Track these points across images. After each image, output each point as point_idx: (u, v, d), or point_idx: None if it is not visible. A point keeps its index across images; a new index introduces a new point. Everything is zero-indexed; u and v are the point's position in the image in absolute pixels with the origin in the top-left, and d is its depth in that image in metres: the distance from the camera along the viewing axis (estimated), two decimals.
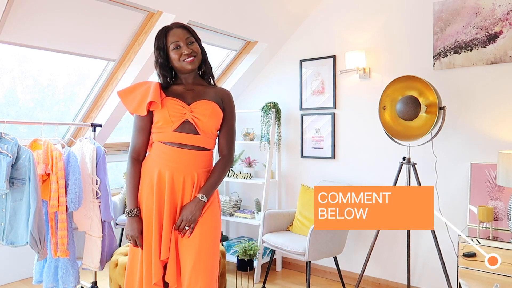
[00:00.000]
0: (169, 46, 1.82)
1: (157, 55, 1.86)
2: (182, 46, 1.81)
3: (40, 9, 2.63)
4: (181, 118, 1.80)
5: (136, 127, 1.87)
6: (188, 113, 1.81)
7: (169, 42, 1.82)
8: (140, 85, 1.90)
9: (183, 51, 1.81)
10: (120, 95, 1.90)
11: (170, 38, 1.83)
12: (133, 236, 1.78)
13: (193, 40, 1.85)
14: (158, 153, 1.83)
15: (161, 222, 1.78)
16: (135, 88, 1.89)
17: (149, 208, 1.80)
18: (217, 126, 1.88)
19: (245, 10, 3.33)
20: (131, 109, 1.85)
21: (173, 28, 1.85)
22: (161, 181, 1.80)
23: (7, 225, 2.53)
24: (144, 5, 2.84)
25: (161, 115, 1.80)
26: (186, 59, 1.81)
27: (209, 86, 1.93)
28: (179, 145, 1.81)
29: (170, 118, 1.79)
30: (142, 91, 1.85)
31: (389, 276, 3.35)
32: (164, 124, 1.80)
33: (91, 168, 2.88)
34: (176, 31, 1.83)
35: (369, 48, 3.43)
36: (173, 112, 1.80)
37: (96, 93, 3.51)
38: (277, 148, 3.87)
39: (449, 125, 3.04)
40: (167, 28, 1.86)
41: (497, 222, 2.78)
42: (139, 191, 1.84)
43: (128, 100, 1.87)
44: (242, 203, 4.26)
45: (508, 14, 2.80)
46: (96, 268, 2.92)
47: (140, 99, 1.83)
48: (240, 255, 3.34)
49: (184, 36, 1.82)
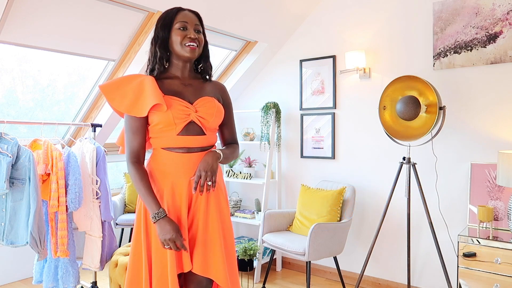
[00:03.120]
0: (175, 25, 1.66)
1: (158, 32, 1.68)
2: (188, 28, 1.66)
3: (40, 9, 2.63)
4: (185, 119, 1.65)
5: (131, 129, 1.67)
6: (193, 114, 1.66)
7: (176, 21, 1.66)
8: (127, 79, 1.68)
9: (188, 33, 1.65)
10: (104, 91, 1.65)
11: (179, 17, 1.67)
12: (171, 239, 1.56)
13: (201, 30, 1.72)
14: (165, 162, 1.67)
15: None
16: (123, 83, 1.67)
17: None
18: (220, 122, 1.79)
19: (245, 10, 3.33)
20: (123, 108, 1.63)
21: (185, 10, 1.71)
22: (175, 195, 1.66)
23: (7, 225, 2.53)
24: (144, 5, 2.84)
25: (162, 117, 1.62)
26: (188, 43, 1.65)
27: (204, 81, 1.80)
28: (186, 150, 1.67)
29: (174, 121, 1.62)
30: (134, 87, 1.65)
31: (389, 276, 3.35)
32: (166, 127, 1.63)
33: (91, 168, 2.88)
34: (188, 13, 1.70)
35: (369, 48, 3.43)
36: (177, 113, 1.63)
37: (96, 93, 3.51)
38: (277, 148, 3.87)
39: (449, 125, 3.04)
40: (179, 8, 1.71)
41: (497, 222, 2.78)
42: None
43: (116, 97, 1.64)
44: (242, 203, 4.26)
45: (508, 14, 2.80)
46: (96, 268, 2.92)
47: (133, 97, 1.63)
48: (240, 255, 3.34)
49: (195, 21, 1.69)
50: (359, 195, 3.50)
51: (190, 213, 1.69)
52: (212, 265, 1.66)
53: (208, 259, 1.67)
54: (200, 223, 1.68)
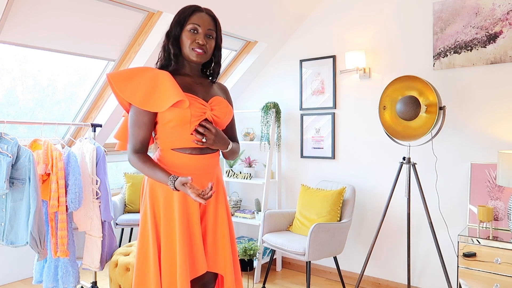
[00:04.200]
0: (187, 26, 1.62)
1: (172, 29, 1.65)
2: (199, 32, 1.62)
3: (40, 9, 2.63)
4: (200, 118, 1.60)
5: (137, 123, 1.58)
6: (209, 112, 1.63)
7: (190, 21, 1.62)
8: (139, 70, 1.60)
9: (198, 38, 1.61)
10: (114, 80, 1.54)
11: (193, 18, 1.62)
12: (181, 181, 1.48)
13: (214, 35, 1.66)
14: (175, 164, 1.62)
15: (190, 235, 1.62)
16: (134, 74, 1.58)
17: (170, 224, 1.60)
18: (228, 122, 1.79)
19: (245, 10, 3.33)
20: (136, 101, 1.53)
21: (203, 11, 1.65)
22: (188, 198, 1.61)
23: (7, 225, 2.53)
24: (144, 5, 2.84)
25: (179, 114, 1.55)
26: (195, 48, 1.61)
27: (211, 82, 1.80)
28: (199, 151, 1.63)
29: (191, 119, 1.56)
30: (148, 80, 1.56)
31: (389, 276, 3.35)
32: (179, 125, 1.56)
33: (91, 168, 2.88)
34: (204, 16, 1.64)
35: (369, 48, 3.43)
36: (195, 112, 1.57)
37: (96, 93, 3.51)
38: (277, 148, 3.87)
39: (449, 125, 3.04)
40: (197, 7, 1.65)
41: (497, 222, 2.78)
42: (152, 206, 1.63)
43: (126, 88, 1.54)
44: (242, 203, 4.26)
45: (508, 14, 2.80)
46: (96, 268, 2.92)
47: (147, 90, 1.54)
48: (240, 255, 3.34)
49: (208, 25, 1.63)
50: (359, 195, 3.50)
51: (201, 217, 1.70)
52: (221, 261, 1.68)
53: (217, 255, 1.69)
54: (210, 224, 1.70)
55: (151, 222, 1.63)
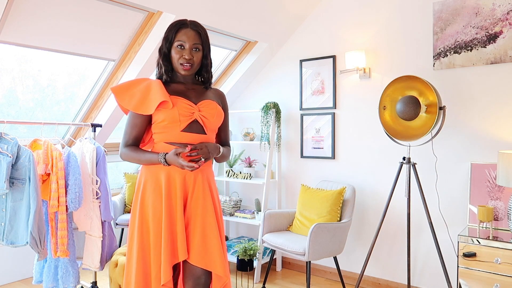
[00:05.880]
0: (174, 43, 1.81)
1: (163, 45, 1.84)
2: (186, 48, 1.80)
3: (40, 9, 2.63)
4: (190, 117, 1.80)
5: (130, 124, 1.85)
6: (197, 113, 1.82)
7: (176, 38, 1.80)
8: (137, 82, 1.87)
9: (184, 54, 1.80)
10: (115, 92, 1.84)
11: (179, 35, 1.80)
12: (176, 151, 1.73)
13: (200, 48, 1.83)
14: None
15: (173, 224, 1.77)
16: (132, 86, 1.85)
17: (157, 211, 1.78)
18: (219, 125, 1.95)
19: (245, 10, 3.33)
20: (131, 107, 1.80)
21: (188, 27, 1.82)
22: (171, 184, 1.80)
23: (7, 225, 2.53)
24: (144, 5, 2.84)
25: (168, 114, 1.77)
26: (183, 63, 1.80)
27: (206, 88, 1.96)
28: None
29: (179, 118, 1.78)
30: (142, 88, 1.82)
31: (389, 276, 3.35)
32: (171, 123, 1.78)
33: (91, 168, 2.88)
34: (188, 32, 1.81)
35: (369, 48, 3.43)
36: (182, 111, 1.78)
37: (96, 93, 3.51)
38: (277, 148, 3.87)
39: (449, 125, 3.04)
40: (182, 23, 1.83)
41: (497, 222, 2.78)
42: (143, 194, 1.83)
43: (125, 97, 1.82)
44: (242, 203, 4.26)
45: (508, 14, 2.80)
46: (96, 268, 2.92)
47: (140, 97, 1.80)
48: (240, 255, 3.34)
49: (193, 40, 1.80)
50: (359, 195, 3.50)
51: (187, 204, 1.81)
52: (212, 258, 1.77)
53: (208, 252, 1.78)
54: (199, 212, 1.80)
55: (139, 211, 1.83)
